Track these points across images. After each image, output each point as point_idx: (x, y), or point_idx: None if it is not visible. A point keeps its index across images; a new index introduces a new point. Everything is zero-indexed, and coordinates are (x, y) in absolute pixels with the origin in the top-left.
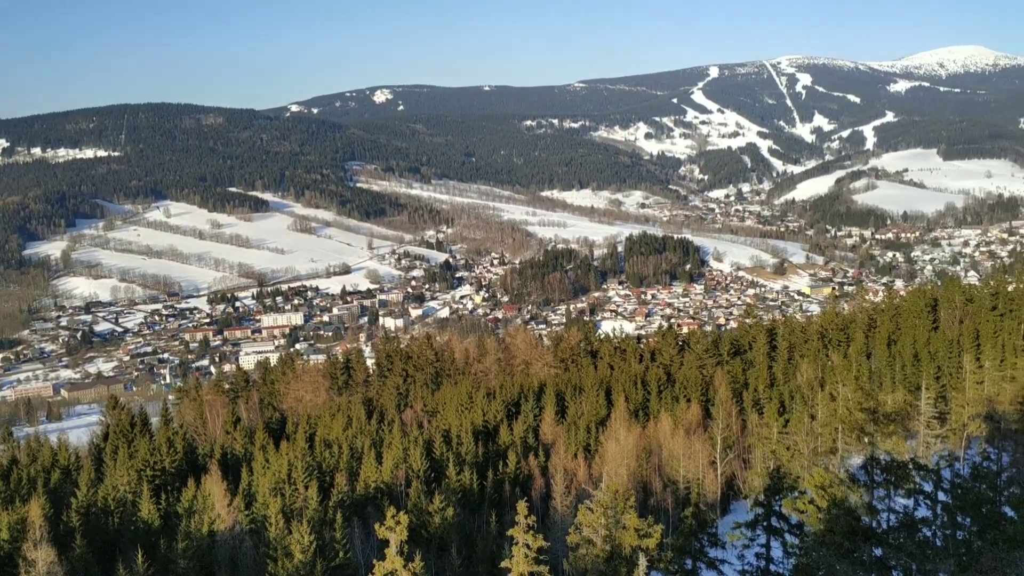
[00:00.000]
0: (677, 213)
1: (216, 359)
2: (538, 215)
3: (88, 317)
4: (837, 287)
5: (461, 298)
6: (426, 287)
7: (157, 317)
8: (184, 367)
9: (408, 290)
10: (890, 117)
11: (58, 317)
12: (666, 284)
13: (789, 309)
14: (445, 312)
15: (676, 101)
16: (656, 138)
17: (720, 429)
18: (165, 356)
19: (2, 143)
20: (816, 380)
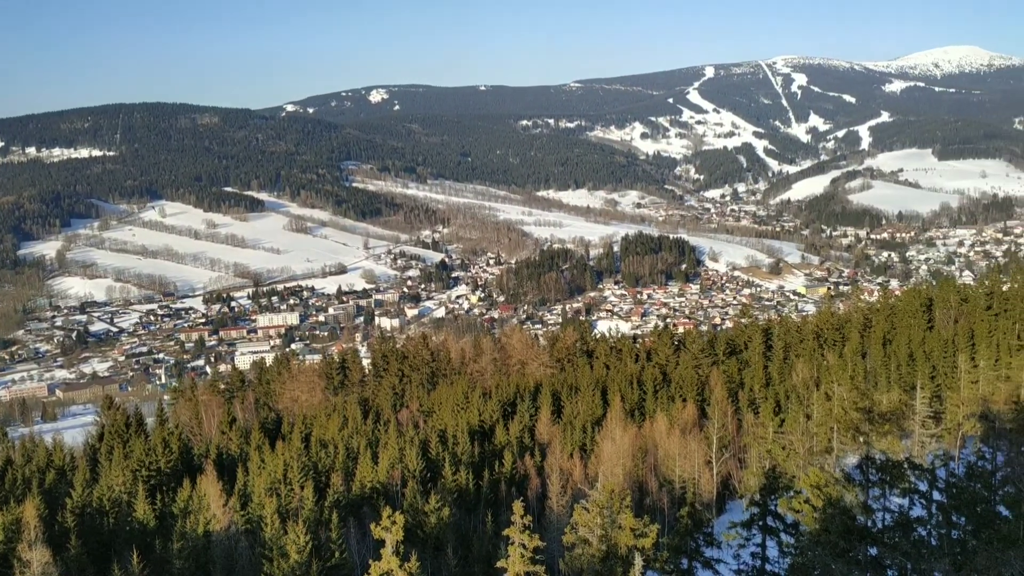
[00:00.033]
0: (673, 213)
1: (212, 359)
2: (534, 215)
3: (83, 317)
4: (832, 287)
5: (457, 298)
6: (422, 287)
7: (152, 317)
8: (179, 367)
9: (404, 290)
10: (885, 117)
11: (53, 317)
12: (662, 284)
13: (785, 309)
14: (441, 312)
15: (672, 101)
16: (652, 138)
17: (716, 429)
18: (160, 356)
19: None
20: (812, 380)
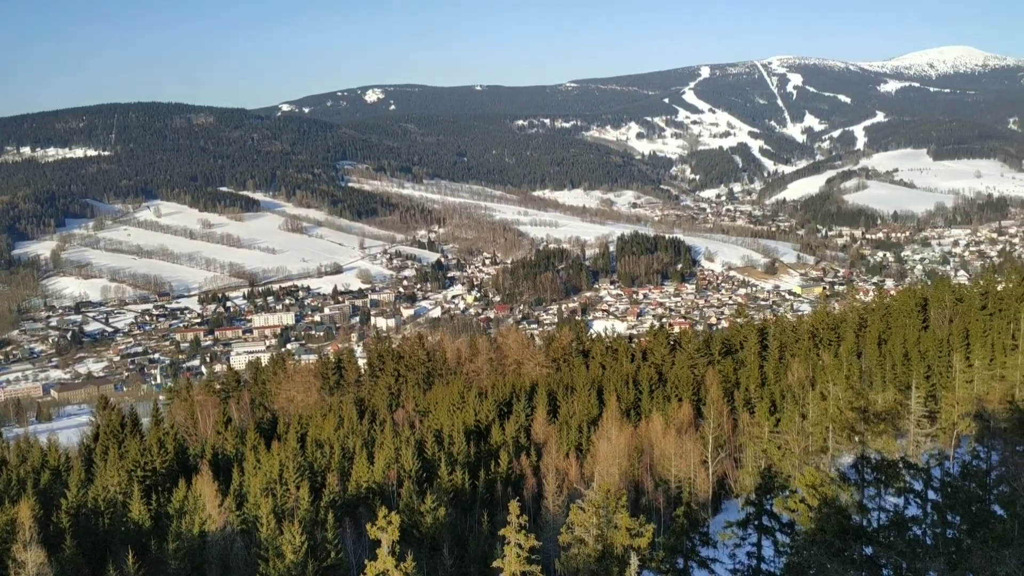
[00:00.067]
0: (668, 213)
1: (207, 359)
2: (530, 215)
3: (78, 317)
4: (828, 287)
5: (453, 298)
6: (418, 287)
7: (147, 317)
8: (175, 367)
9: (400, 290)
10: (880, 117)
11: (48, 317)
12: (658, 284)
13: (780, 309)
14: (437, 312)
15: (667, 101)
16: (647, 138)
17: (711, 428)
18: (156, 356)
19: None
20: (807, 379)
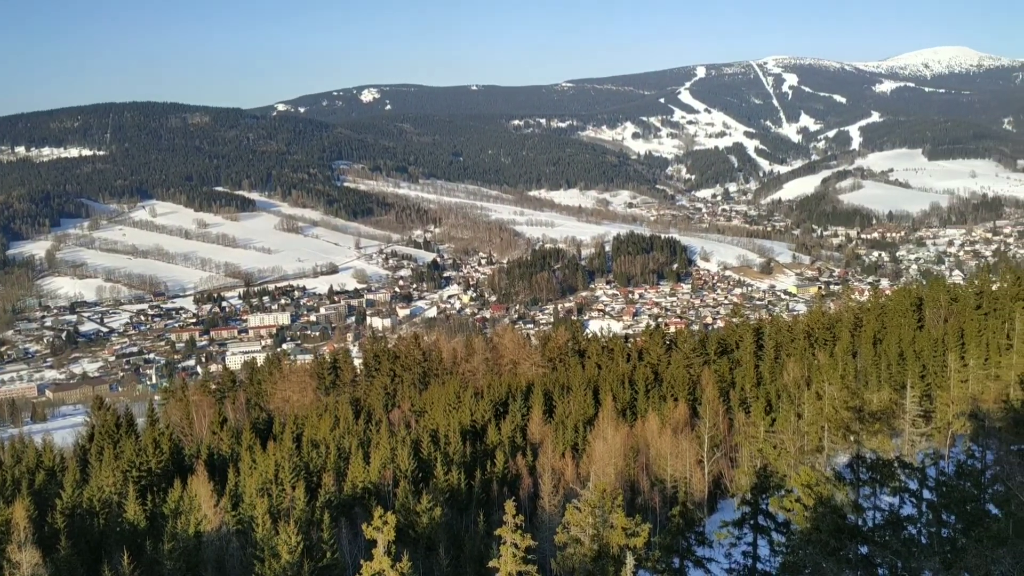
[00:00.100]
0: (664, 213)
1: (202, 359)
2: (526, 215)
3: (73, 317)
4: (823, 286)
5: (449, 298)
6: (414, 287)
7: (143, 317)
8: (170, 367)
9: (396, 290)
10: (876, 117)
11: (43, 317)
12: (653, 283)
13: (776, 308)
14: (433, 312)
15: (663, 101)
16: (643, 138)
17: (707, 428)
18: (151, 356)
19: None
20: (802, 379)
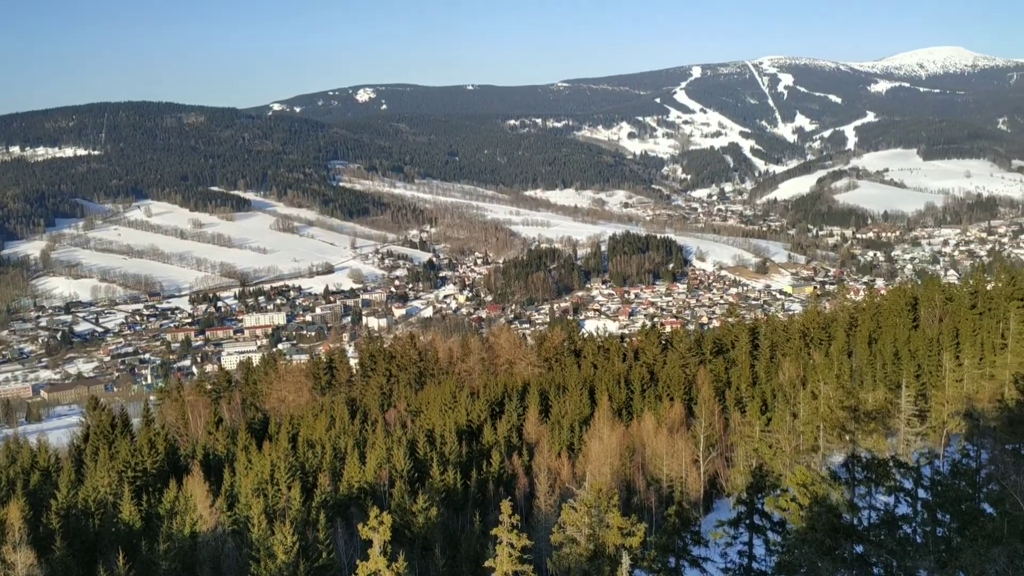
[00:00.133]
0: (660, 213)
1: (198, 359)
2: (522, 214)
3: (68, 317)
4: (819, 286)
5: (445, 298)
6: (409, 287)
7: (138, 317)
8: (165, 367)
9: (391, 290)
10: (871, 117)
11: (37, 317)
12: (649, 283)
13: (771, 308)
14: (429, 312)
15: (659, 101)
16: (639, 138)
17: (703, 428)
18: (146, 356)
19: None
20: (798, 378)
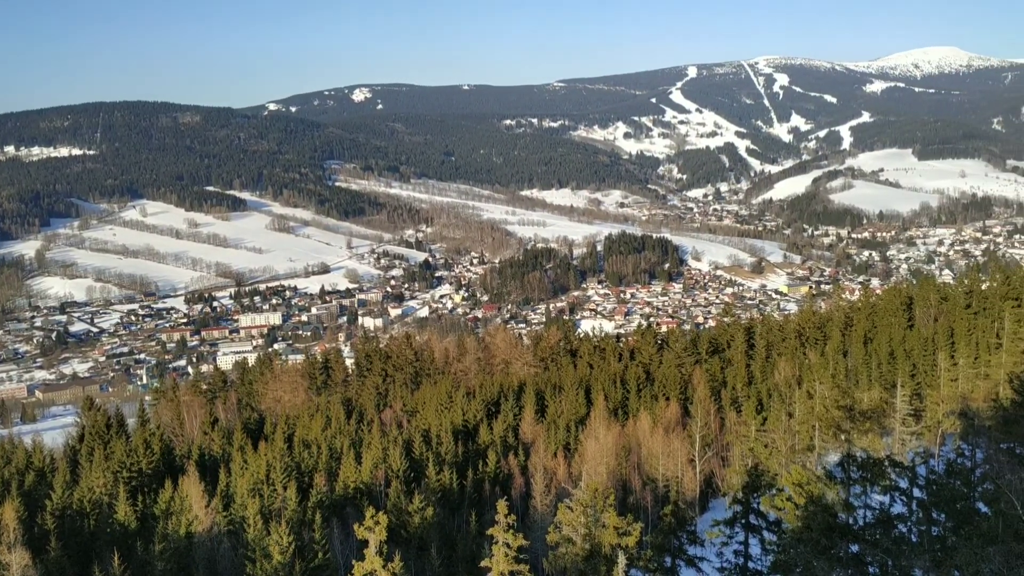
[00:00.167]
0: (656, 212)
1: (193, 359)
2: (518, 214)
3: (63, 317)
4: (814, 286)
5: (441, 297)
6: (405, 286)
7: (133, 317)
8: (161, 367)
9: (387, 289)
10: (866, 117)
11: (32, 317)
12: (645, 283)
13: (767, 308)
14: (425, 312)
15: (655, 101)
16: (635, 138)
17: (699, 427)
18: (142, 356)
19: None
20: (793, 378)
